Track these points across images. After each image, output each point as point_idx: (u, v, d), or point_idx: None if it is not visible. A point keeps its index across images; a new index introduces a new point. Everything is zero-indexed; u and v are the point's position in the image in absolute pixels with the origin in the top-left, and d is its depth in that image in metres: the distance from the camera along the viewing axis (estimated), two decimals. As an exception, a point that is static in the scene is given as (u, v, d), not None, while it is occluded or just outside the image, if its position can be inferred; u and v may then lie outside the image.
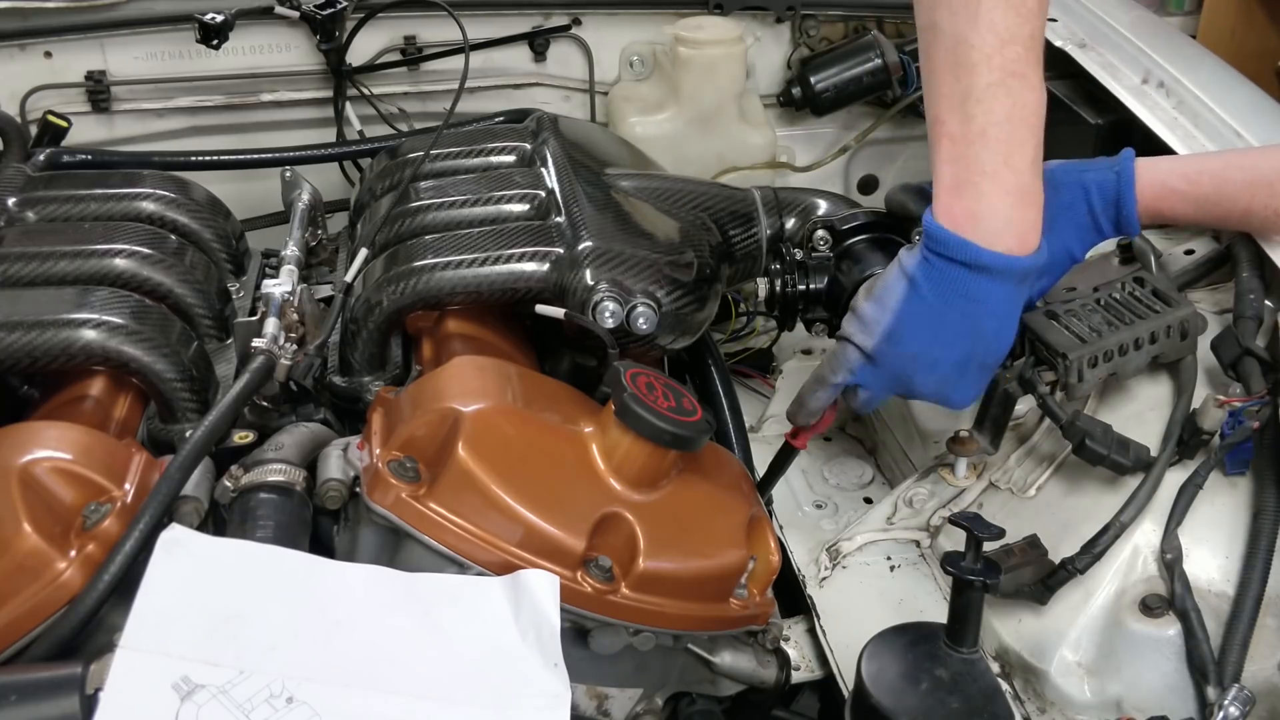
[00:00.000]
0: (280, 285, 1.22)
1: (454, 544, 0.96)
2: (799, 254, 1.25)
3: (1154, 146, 1.35)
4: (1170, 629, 1.09)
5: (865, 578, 1.31)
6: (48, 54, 1.79)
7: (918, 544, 1.35)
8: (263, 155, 1.71)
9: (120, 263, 1.24)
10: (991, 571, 0.95)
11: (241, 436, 1.09)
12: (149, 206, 1.39)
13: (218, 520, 1.02)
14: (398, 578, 0.94)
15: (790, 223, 1.37)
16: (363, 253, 1.31)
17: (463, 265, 1.21)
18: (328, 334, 1.22)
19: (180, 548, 0.91)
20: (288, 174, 1.54)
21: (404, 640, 0.90)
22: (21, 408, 1.21)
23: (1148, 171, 1.17)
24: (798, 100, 1.89)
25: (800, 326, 1.39)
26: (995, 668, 1.16)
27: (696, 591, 1.03)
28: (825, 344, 1.68)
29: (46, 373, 1.14)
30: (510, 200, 1.33)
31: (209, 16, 1.70)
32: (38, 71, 1.79)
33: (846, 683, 1.16)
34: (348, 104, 1.89)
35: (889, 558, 1.34)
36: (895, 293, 1.12)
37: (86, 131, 1.81)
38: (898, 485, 1.41)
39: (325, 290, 1.41)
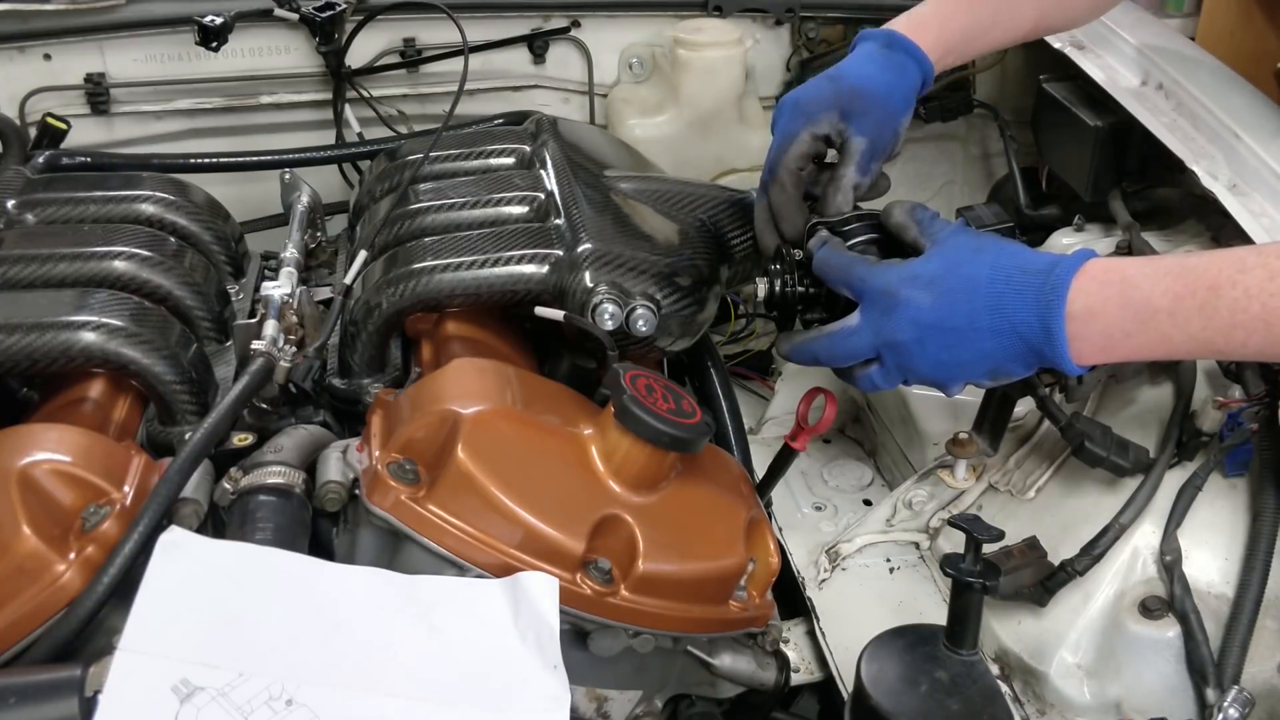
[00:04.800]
0: (279, 287, 1.22)
1: (453, 546, 0.96)
2: (799, 254, 1.24)
3: (1154, 148, 1.36)
4: (1170, 631, 1.09)
5: (865, 580, 1.32)
6: (47, 56, 1.79)
7: (917, 546, 1.35)
8: (262, 157, 1.71)
9: (119, 265, 1.24)
10: (991, 573, 0.95)
11: (241, 439, 1.09)
12: (148, 209, 1.39)
13: (217, 522, 1.02)
14: (397, 580, 0.94)
15: (789, 224, 1.37)
16: (362, 255, 1.31)
17: (462, 267, 1.21)
18: (327, 336, 1.22)
19: (179, 550, 0.91)
20: (287, 176, 1.54)
21: (403, 642, 0.90)
22: (21, 410, 1.21)
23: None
24: (797, 102, 1.89)
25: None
26: (995, 670, 1.16)
27: (696, 594, 1.03)
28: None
29: (46, 375, 1.14)
30: (510, 202, 1.33)
31: (208, 19, 1.70)
32: (37, 73, 1.79)
33: (846, 685, 1.16)
34: (347, 106, 1.89)
35: (888, 560, 1.34)
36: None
37: (86, 134, 1.81)
38: (897, 487, 1.41)
39: (324, 292, 1.41)
